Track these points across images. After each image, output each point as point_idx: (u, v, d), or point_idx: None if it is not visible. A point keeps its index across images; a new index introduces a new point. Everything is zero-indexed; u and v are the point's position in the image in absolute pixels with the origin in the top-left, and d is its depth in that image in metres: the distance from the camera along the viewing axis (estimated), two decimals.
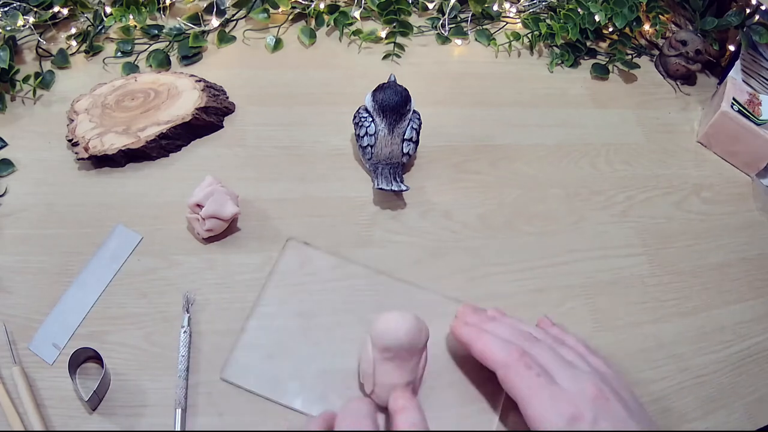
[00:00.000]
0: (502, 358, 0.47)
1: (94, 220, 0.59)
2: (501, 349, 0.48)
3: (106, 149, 0.62)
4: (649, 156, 0.75)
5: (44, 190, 0.61)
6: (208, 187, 0.57)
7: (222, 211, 0.56)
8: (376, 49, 0.82)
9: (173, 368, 0.50)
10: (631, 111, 0.81)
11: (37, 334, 0.51)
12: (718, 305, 0.62)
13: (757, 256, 0.67)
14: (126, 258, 0.56)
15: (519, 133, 0.75)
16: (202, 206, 0.56)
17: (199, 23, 0.79)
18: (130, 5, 0.76)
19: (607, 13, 0.83)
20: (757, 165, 0.74)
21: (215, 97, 0.69)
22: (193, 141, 0.67)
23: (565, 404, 0.45)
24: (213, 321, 0.53)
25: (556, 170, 0.71)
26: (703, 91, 0.85)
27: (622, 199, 0.69)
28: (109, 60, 0.74)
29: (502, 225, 0.64)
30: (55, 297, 0.53)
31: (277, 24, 0.83)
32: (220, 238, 0.59)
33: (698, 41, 0.81)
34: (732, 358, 0.58)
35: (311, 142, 0.69)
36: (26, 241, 0.57)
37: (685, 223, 0.69)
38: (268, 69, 0.77)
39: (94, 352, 0.49)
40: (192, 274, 0.56)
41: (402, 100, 0.63)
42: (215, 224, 0.57)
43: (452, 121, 0.75)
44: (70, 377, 0.48)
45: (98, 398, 0.48)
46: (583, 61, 0.86)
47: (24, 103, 0.68)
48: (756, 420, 0.54)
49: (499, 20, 0.90)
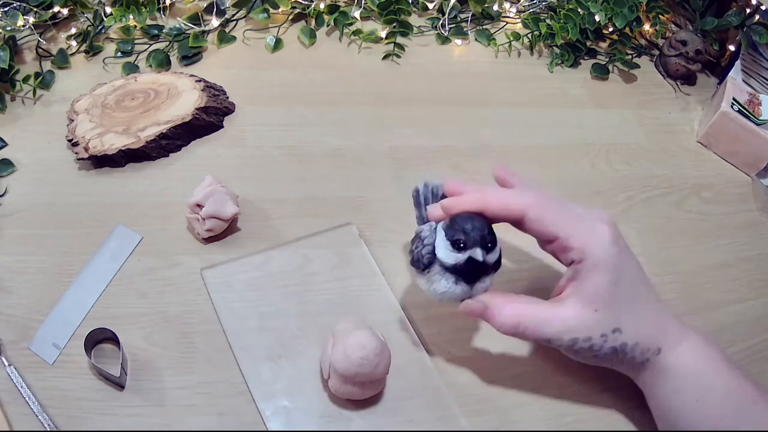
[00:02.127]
0: (524, 199, 0.47)
1: (94, 220, 0.59)
2: (517, 194, 0.48)
3: (106, 149, 0.62)
4: (649, 156, 0.75)
5: (44, 190, 0.61)
6: (208, 187, 0.57)
7: (222, 211, 0.56)
8: (376, 49, 0.82)
9: (173, 368, 0.50)
10: (631, 111, 0.81)
11: (37, 334, 0.51)
12: (718, 305, 0.62)
13: (758, 256, 0.67)
14: (126, 258, 0.56)
15: (519, 133, 0.75)
16: (203, 206, 0.56)
17: (199, 23, 0.79)
18: (130, 5, 0.76)
19: (607, 13, 0.83)
20: (757, 165, 0.74)
21: (215, 97, 0.69)
22: (193, 141, 0.67)
23: (601, 225, 0.46)
24: (211, 321, 0.53)
25: (556, 170, 0.71)
26: (703, 91, 0.85)
27: (622, 199, 0.69)
28: (109, 60, 0.74)
29: (502, 225, 0.64)
30: (55, 297, 0.53)
31: (277, 24, 0.83)
32: (220, 238, 0.59)
33: (698, 41, 0.81)
34: (732, 358, 0.56)
35: (311, 142, 0.69)
36: (26, 241, 0.57)
37: (685, 223, 0.69)
38: (268, 69, 0.77)
39: (111, 332, 0.49)
40: (192, 274, 0.56)
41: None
42: (215, 224, 0.57)
43: (452, 121, 0.75)
44: (87, 357, 0.48)
45: (126, 376, 0.48)
46: (583, 61, 0.86)
47: (24, 103, 0.68)
48: None
49: (499, 20, 0.90)
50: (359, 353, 0.46)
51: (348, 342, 0.47)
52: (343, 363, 0.46)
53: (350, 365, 0.46)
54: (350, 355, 0.46)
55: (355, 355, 0.46)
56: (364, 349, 0.46)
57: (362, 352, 0.46)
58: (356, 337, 0.47)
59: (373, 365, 0.46)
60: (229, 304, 0.54)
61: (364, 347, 0.46)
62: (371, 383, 0.48)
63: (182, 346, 0.52)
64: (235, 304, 0.54)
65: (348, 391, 0.48)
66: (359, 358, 0.46)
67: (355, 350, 0.46)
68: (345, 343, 0.47)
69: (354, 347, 0.46)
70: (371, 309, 0.56)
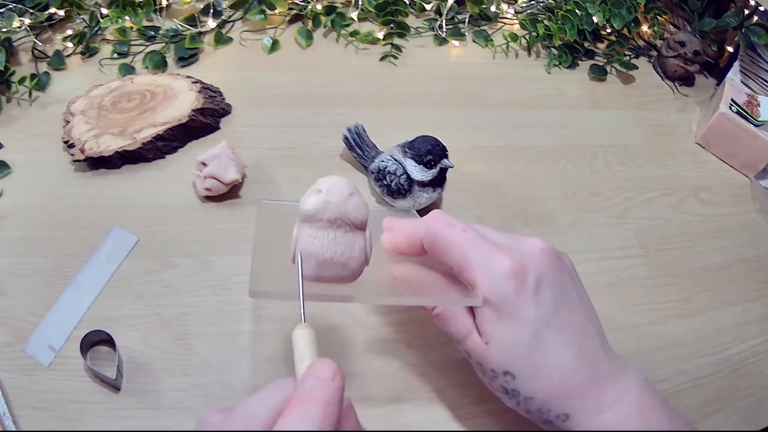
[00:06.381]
0: (422, 225, 0.44)
1: (90, 222, 0.59)
2: (418, 222, 0.45)
3: (102, 151, 0.61)
4: (647, 157, 0.75)
5: (40, 191, 0.61)
6: (219, 150, 0.60)
7: (223, 174, 0.59)
8: (373, 51, 0.82)
9: (169, 371, 0.50)
10: (629, 112, 0.81)
11: (32, 336, 0.50)
12: (716, 307, 0.61)
13: (756, 257, 0.67)
14: (122, 260, 0.56)
15: (516, 134, 0.75)
16: (207, 165, 0.59)
17: (195, 25, 0.79)
18: (127, 6, 0.76)
19: (605, 14, 0.83)
20: (755, 166, 0.74)
21: (212, 98, 0.69)
22: (189, 142, 0.67)
23: (501, 257, 0.41)
24: (209, 323, 0.53)
25: (554, 172, 0.71)
26: (701, 92, 0.85)
27: (620, 200, 0.69)
28: (105, 61, 0.74)
29: (500, 227, 0.63)
30: (51, 299, 0.53)
31: (274, 25, 0.82)
32: (220, 200, 0.61)
33: (696, 42, 0.81)
34: (731, 360, 0.57)
35: (308, 143, 0.69)
36: (22, 243, 0.56)
37: (683, 224, 0.68)
38: (265, 70, 0.77)
39: (106, 335, 0.49)
40: (188, 276, 0.56)
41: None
42: (214, 185, 0.59)
43: (449, 122, 0.74)
44: (83, 359, 0.48)
45: (122, 378, 0.48)
46: (581, 63, 0.86)
47: (20, 104, 0.68)
48: (754, 422, 0.54)
49: (497, 21, 0.90)
50: (315, 197, 0.40)
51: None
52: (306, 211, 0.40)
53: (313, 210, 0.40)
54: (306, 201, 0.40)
55: (311, 200, 0.40)
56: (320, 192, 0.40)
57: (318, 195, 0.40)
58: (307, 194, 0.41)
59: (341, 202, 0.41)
60: None
61: (319, 190, 0.40)
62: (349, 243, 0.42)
63: (178, 348, 0.51)
64: None
65: (324, 271, 0.42)
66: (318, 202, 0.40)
67: (311, 196, 0.40)
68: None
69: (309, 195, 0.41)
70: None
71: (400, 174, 0.59)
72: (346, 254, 0.41)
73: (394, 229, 0.46)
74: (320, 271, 0.41)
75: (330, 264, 0.41)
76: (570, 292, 0.43)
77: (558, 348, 0.41)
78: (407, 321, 0.55)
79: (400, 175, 0.59)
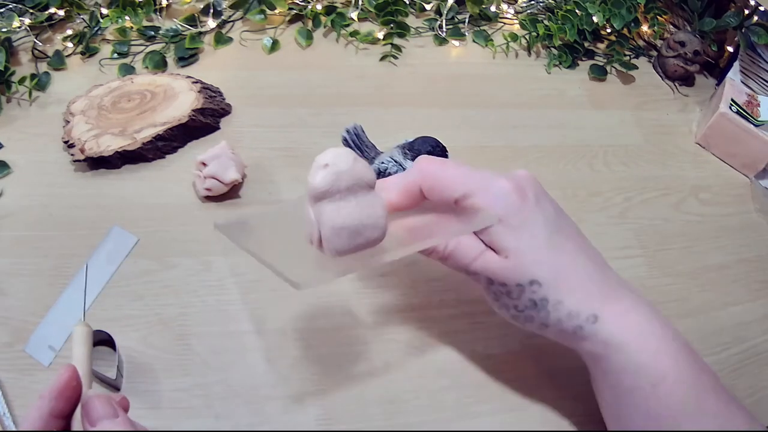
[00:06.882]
0: (414, 170, 0.45)
1: (90, 222, 0.59)
2: (407, 171, 0.46)
3: (102, 151, 0.61)
4: (647, 157, 0.75)
5: (40, 191, 0.61)
6: (219, 150, 0.60)
7: (223, 175, 0.59)
8: (373, 51, 0.82)
9: (169, 371, 0.50)
10: (629, 112, 0.81)
11: (32, 336, 0.50)
12: (716, 307, 0.61)
13: (756, 257, 0.67)
14: (122, 260, 0.56)
15: (516, 134, 0.75)
16: (207, 165, 0.59)
17: (195, 25, 0.79)
18: (127, 6, 0.76)
19: (605, 14, 0.83)
20: (755, 166, 0.74)
21: (212, 98, 0.69)
22: (189, 142, 0.67)
23: (500, 179, 0.43)
24: (209, 323, 0.53)
25: (554, 172, 0.71)
26: (701, 92, 0.85)
27: (620, 200, 0.69)
28: (105, 61, 0.74)
29: None
30: (51, 299, 0.53)
31: (274, 25, 0.82)
32: (220, 200, 0.61)
33: (696, 42, 0.81)
34: (731, 359, 0.57)
35: (308, 143, 0.69)
36: (22, 243, 0.56)
37: (683, 224, 0.68)
38: (265, 70, 0.77)
39: (106, 335, 0.49)
40: (188, 276, 0.56)
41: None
42: (214, 185, 0.59)
43: (449, 122, 0.74)
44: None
45: (122, 378, 0.48)
46: (581, 63, 0.86)
47: (20, 104, 0.68)
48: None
49: (497, 21, 0.90)
50: (324, 172, 0.40)
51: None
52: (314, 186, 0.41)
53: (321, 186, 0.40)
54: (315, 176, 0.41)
55: (321, 175, 0.40)
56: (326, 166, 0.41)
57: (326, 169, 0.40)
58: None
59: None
60: None
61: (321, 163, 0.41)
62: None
63: (178, 348, 0.51)
64: None
65: (345, 241, 0.41)
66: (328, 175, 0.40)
67: (318, 172, 0.41)
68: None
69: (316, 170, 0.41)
70: None
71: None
72: (373, 214, 0.41)
73: (387, 187, 0.47)
74: (355, 240, 0.41)
75: (362, 229, 0.41)
76: (560, 208, 0.46)
77: (572, 251, 0.43)
78: (407, 321, 0.55)
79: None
